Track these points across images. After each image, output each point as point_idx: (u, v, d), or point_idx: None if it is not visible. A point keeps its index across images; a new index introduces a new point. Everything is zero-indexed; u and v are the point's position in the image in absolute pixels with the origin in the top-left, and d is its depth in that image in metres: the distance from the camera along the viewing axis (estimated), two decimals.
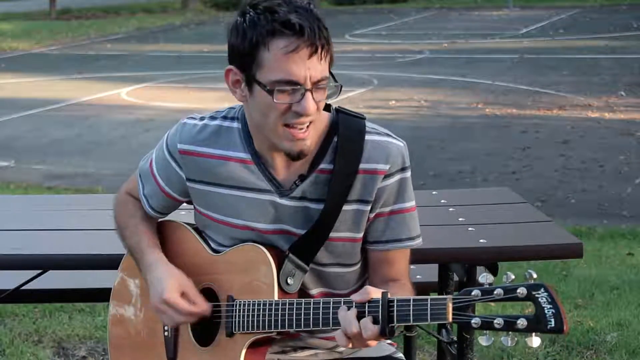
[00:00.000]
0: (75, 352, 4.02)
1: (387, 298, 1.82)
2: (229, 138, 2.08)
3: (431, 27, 19.96)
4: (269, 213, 2.06)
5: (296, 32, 1.87)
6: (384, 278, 2.09)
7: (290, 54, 1.87)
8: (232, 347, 2.04)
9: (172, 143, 2.13)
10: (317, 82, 1.91)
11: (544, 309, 1.68)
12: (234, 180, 2.07)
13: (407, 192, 2.07)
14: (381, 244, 2.08)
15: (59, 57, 17.16)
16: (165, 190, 2.17)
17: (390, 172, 2.03)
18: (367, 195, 2.03)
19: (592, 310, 4.47)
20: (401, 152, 2.04)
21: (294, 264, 2.04)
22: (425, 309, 1.78)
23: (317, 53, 1.89)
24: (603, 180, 7.43)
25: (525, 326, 1.69)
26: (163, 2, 29.20)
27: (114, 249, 2.41)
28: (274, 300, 1.99)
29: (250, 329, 2.01)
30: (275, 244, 2.07)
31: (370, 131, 2.05)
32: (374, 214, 2.05)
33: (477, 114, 10.33)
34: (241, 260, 2.06)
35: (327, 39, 1.91)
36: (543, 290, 1.69)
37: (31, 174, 8.16)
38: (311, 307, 1.94)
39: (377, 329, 1.81)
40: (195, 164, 2.10)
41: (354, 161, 2.01)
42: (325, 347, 2.19)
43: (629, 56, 14.33)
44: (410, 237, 2.09)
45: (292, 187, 2.04)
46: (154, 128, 9.78)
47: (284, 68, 1.88)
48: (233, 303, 2.04)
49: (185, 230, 2.21)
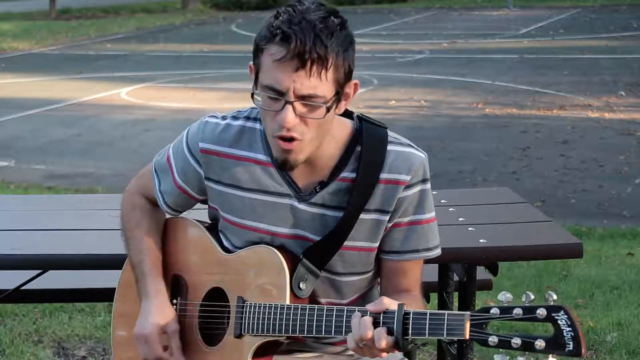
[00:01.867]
0: (75, 352, 4.02)
1: (403, 310, 1.81)
2: (251, 139, 2.07)
3: (431, 27, 19.96)
4: (287, 218, 2.05)
5: (286, 42, 1.85)
6: (396, 288, 2.08)
7: (277, 62, 1.87)
8: (240, 349, 2.03)
9: (193, 141, 2.12)
10: (303, 97, 1.89)
11: (563, 331, 1.67)
12: (253, 182, 2.06)
13: (426, 203, 2.06)
14: (398, 255, 2.07)
15: (59, 57, 17.16)
16: (183, 188, 2.16)
17: (412, 183, 2.02)
18: (387, 206, 2.02)
19: (592, 310, 4.47)
20: (423, 163, 2.04)
21: (307, 269, 2.03)
22: (442, 324, 1.78)
23: (306, 67, 1.86)
24: (603, 180, 7.43)
25: (543, 348, 1.69)
26: (163, 2, 29.20)
27: (114, 249, 2.41)
28: (285, 304, 1.98)
29: (260, 331, 2.00)
30: (290, 249, 2.06)
31: (393, 141, 2.04)
32: (392, 224, 2.04)
33: (477, 114, 10.33)
34: (254, 262, 2.05)
35: (324, 56, 1.86)
36: (563, 312, 1.68)
37: (31, 174, 8.16)
38: (324, 314, 1.93)
39: (391, 340, 1.81)
40: (215, 164, 2.09)
41: (375, 171, 2.00)
42: (332, 353, 2.18)
43: (629, 56, 14.33)
44: (427, 247, 2.09)
45: (311, 192, 2.04)
46: (154, 128, 9.78)
47: (271, 75, 1.89)
48: (243, 304, 2.03)
49: (197, 227, 2.20)
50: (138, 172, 2.31)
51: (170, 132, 7.66)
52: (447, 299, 3.07)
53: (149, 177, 2.22)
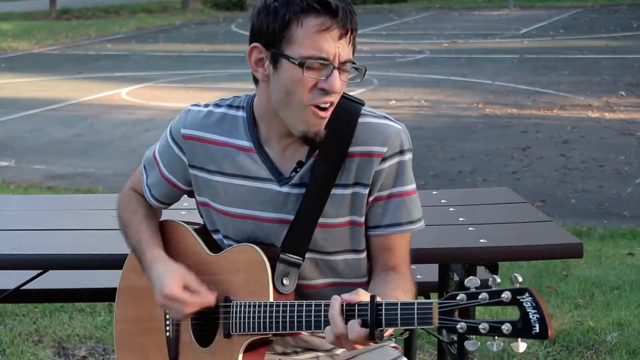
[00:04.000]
0: (75, 352, 4.02)
1: (375, 302, 1.81)
2: (233, 126, 2.08)
3: (431, 27, 19.97)
4: (270, 202, 2.06)
5: (331, 12, 1.90)
6: (384, 266, 2.08)
7: (322, 32, 1.91)
8: (230, 348, 2.04)
9: (176, 128, 2.14)
10: (343, 63, 1.94)
11: (529, 314, 1.65)
12: (236, 168, 2.07)
13: (406, 175, 2.05)
14: (380, 229, 2.07)
15: (59, 57, 17.16)
16: (168, 177, 2.17)
17: (388, 155, 2.02)
18: (364, 179, 2.02)
19: (592, 310, 4.47)
20: (399, 134, 2.03)
21: (287, 262, 2.03)
22: (412, 313, 1.77)
23: (347, 36, 1.93)
24: (603, 180, 7.43)
25: (510, 331, 1.67)
26: (163, 2, 29.21)
27: (114, 249, 2.41)
28: (269, 302, 1.99)
29: (247, 330, 2.01)
30: (277, 234, 2.06)
31: (366, 114, 2.05)
32: (373, 198, 2.04)
33: (477, 114, 10.33)
34: (237, 261, 2.06)
35: (356, 24, 1.95)
36: (528, 294, 1.66)
37: (31, 174, 8.16)
38: (304, 309, 1.93)
39: (364, 332, 1.81)
40: (198, 150, 2.10)
41: (341, 144, 2.01)
42: (325, 348, 2.18)
43: (629, 56, 14.34)
44: (410, 220, 2.07)
45: (291, 174, 2.05)
46: (154, 128, 9.78)
47: (315, 45, 1.91)
48: (230, 304, 2.04)
49: (184, 230, 2.21)
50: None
51: None
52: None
53: (140, 173, 2.25)
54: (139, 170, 2.26)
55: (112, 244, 2.39)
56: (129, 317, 2.25)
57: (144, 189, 2.23)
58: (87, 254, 2.65)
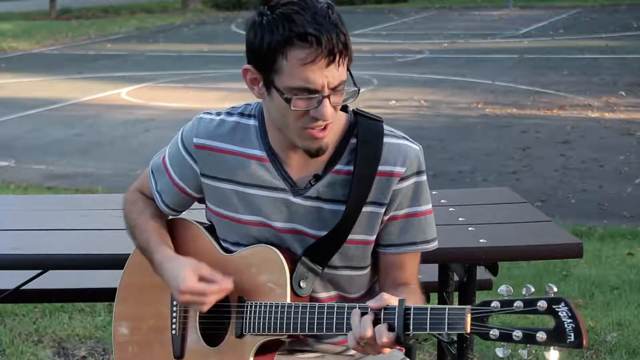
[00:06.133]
0: (75, 352, 4.02)
1: (404, 306, 1.81)
2: (245, 135, 2.07)
3: (431, 27, 19.96)
4: (283, 212, 2.05)
5: (313, 44, 1.84)
6: (394, 282, 2.09)
7: (308, 65, 1.86)
8: (241, 349, 2.03)
9: (188, 137, 2.12)
10: (335, 88, 1.90)
11: (564, 323, 1.67)
12: (248, 177, 2.06)
13: (422, 196, 2.06)
14: (395, 247, 2.08)
15: (59, 57, 17.16)
16: (179, 185, 2.16)
17: (406, 175, 2.02)
18: (382, 198, 2.02)
19: (592, 310, 4.47)
20: (417, 155, 2.04)
21: (307, 267, 2.03)
22: (443, 319, 1.78)
23: (335, 61, 1.88)
24: (603, 180, 7.42)
25: (544, 340, 1.69)
26: (163, 2, 29.19)
27: (114, 249, 2.41)
28: (286, 303, 1.98)
29: (261, 330, 2.00)
30: (288, 245, 2.06)
31: (388, 134, 2.04)
32: (388, 217, 2.05)
33: (477, 114, 10.33)
34: (253, 261, 2.05)
35: (345, 43, 1.89)
36: (564, 304, 1.69)
37: (31, 174, 8.16)
38: (325, 311, 1.93)
39: (392, 336, 1.80)
40: (210, 159, 2.09)
41: (373, 164, 2.01)
42: (333, 352, 2.18)
43: (629, 56, 14.33)
44: (425, 240, 2.09)
45: (306, 186, 2.04)
46: (154, 128, 9.78)
47: (302, 77, 1.87)
48: (244, 304, 2.03)
49: (196, 228, 2.20)
50: (140, 173, 2.32)
51: (170, 132, 7.63)
52: (447, 299, 3.07)
53: (147, 177, 2.23)
54: (146, 173, 2.24)
55: (112, 244, 2.40)
56: (130, 314, 2.24)
57: (154, 196, 2.21)
58: (86, 254, 2.65)
